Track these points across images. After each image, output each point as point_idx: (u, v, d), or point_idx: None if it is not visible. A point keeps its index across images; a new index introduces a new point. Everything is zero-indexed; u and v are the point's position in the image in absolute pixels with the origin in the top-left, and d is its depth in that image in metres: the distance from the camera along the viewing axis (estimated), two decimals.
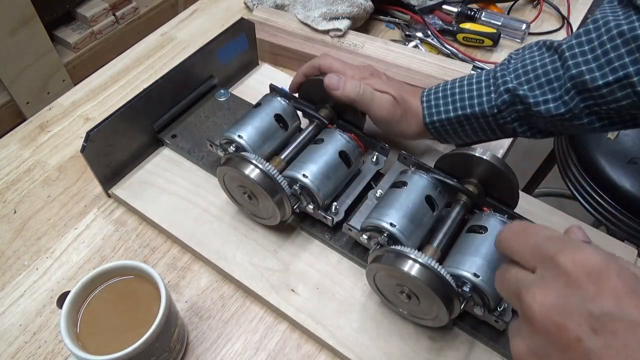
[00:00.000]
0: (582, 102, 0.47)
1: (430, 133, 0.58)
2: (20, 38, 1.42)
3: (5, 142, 0.69)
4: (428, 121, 0.56)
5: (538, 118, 0.50)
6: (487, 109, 0.53)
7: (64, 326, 0.42)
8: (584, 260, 0.29)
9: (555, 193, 1.38)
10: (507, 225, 0.36)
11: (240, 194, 0.55)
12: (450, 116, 0.55)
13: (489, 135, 0.56)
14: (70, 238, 0.59)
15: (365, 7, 0.80)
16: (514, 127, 0.53)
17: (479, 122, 0.55)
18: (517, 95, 0.50)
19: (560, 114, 0.49)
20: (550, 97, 0.49)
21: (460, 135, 0.57)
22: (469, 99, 0.54)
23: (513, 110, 0.52)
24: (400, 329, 0.50)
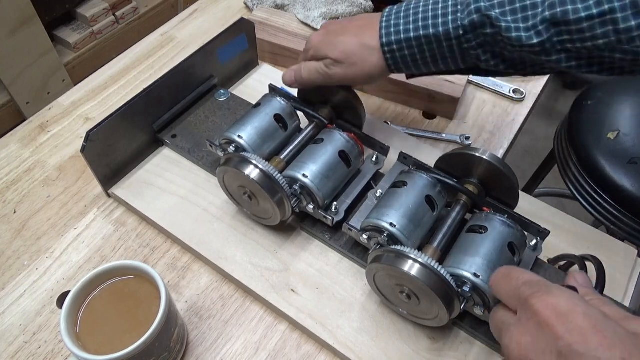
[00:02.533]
0: (556, 36, 0.44)
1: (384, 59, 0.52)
2: (20, 38, 1.42)
3: (5, 142, 0.69)
4: (385, 41, 0.50)
5: (506, 45, 0.46)
6: (452, 29, 0.47)
7: (64, 326, 0.42)
8: (554, 303, 0.32)
9: (555, 193, 1.38)
10: (496, 270, 0.39)
11: (240, 194, 0.55)
12: (410, 36, 0.49)
13: (449, 63, 0.51)
14: (70, 238, 0.59)
15: (365, 7, 0.80)
16: (477, 54, 0.49)
17: (440, 46, 0.49)
18: (487, 16, 0.45)
19: (530, 45, 0.45)
20: (522, 26, 0.44)
21: (418, 61, 0.51)
22: (432, 18, 0.48)
23: (480, 33, 0.47)
24: (400, 329, 0.50)
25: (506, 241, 0.47)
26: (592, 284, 0.38)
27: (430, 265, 0.43)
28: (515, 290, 0.35)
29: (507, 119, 0.75)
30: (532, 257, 0.51)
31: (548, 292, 0.33)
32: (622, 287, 0.54)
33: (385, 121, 0.72)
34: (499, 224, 0.48)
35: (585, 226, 0.59)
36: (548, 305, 0.32)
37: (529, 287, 0.34)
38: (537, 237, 0.51)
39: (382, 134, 0.66)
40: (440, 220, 0.51)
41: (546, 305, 0.32)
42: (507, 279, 0.37)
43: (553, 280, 0.51)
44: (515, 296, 0.35)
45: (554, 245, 0.56)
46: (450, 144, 0.71)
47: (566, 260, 0.53)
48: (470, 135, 0.71)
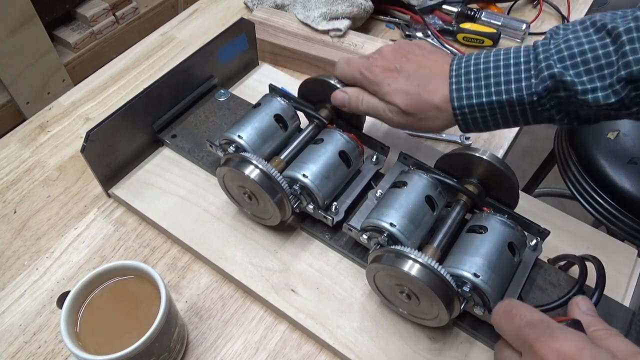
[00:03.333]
0: (634, 91, 0.43)
1: (455, 120, 0.51)
2: (20, 38, 1.42)
3: (5, 142, 0.69)
4: (456, 105, 0.49)
5: (581, 106, 0.45)
6: (525, 95, 0.46)
7: (64, 326, 0.42)
8: (559, 348, 0.31)
9: (555, 193, 1.38)
10: (498, 305, 0.39)
11: (240, 194, 0.55)
12: (483, 101, 0.48)
13: (519, 122, 0.50)
14: (70, 238, 0.59)
15: (365, 7, 0.80)
16: (551, 115, 0.48)
17: (513, 110, 0.48)
18: (562, 81, 0.44)
19: (608, 104, 0.44)
20: (599, 85, 0.43)
21: (489, 122, 0.50)
22: (505, 84, 0.47)
23: (554, 96, 0.46)
24: (400, 329, 0.50)
25: (506, 241, 0.47)
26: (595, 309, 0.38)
27: (430, 265, 0.43)
28: (518, 331, 0.35)
29: None
30: (532, 257, 0.51)
31: (552, 335, 0.32)
32: (622, 287, 0.54)
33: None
34: (499, 224, 0.48)
35: (585, 226, 0.59)
36: (554, 351, 0.31)
37: (533, 329, 0.34)
38: (537, 237, 0.51)
39: (382, 134, 0.66)
40: (440, 220, 0.51)
41: (552, 351, 0.31)
42: (510, 318, 0.36)
43: (553, 280, 0.52)
44: (518, 338, 0.35)
45: (554, 245, 0.56)
46: (450, 144, 0.71)
47: (566, 260, 0.53)
48: (470, 135, 0.71)
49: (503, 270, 0.46)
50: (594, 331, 0.35)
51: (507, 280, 0.48)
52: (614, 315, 0.50)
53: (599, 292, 0.46)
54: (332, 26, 0.78)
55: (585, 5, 0.93)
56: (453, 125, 0.52)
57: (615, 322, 0.49)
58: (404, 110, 0.51)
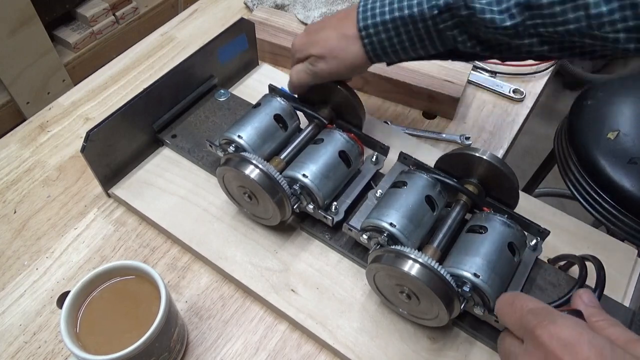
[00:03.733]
0: (529, 20, 0.44)
1: (363, 45, 0.51)
2: (20, 38, 1.42)
3: (5, 142, 0.69)
4: (361, 25, 0.50)
5: (481, 27, 0.46)
6: (427, 9, 0.47)
7: (64, 326, 0.42)
8: (559, 333, 0.32)
9: (555, 193, 1.38)
10: (501, 296, 0.39)
11: (240, 194, 0.55)
12: (387, 18, 0.49)
13: (426, 46, 0.51)
14: (70, 238, 0.59)
15: None
16: (453, 35, 0.49)
17: (416, 27, 0.49)
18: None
19: (504, 27, 0.45)
20: (496, 8, 0.45)
21: (396, 46, 0.51)
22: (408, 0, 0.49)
23: (455, 14, 0.47)
24: (400, 329, 0.50)
25: (506, 241, 0.47)
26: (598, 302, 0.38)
27: (430, 265, 0.43)
28: (520, 319, 0.35)
29: (507, 119, 0.75)
30: (532, 257, 0.51)
31: (553, 321, 0.33)
32: (622, 287, 0.54)
33: (385, 121, 0.72)
34: (499, 224, 0.48)
35: (585, 226, 0.59)
36: (554, 336, 0.32)
37: (534, 316, 0.34)
38: (537, 237, 0.51)
39: (382, 134, 0.66)
40: (440, 220, 0.51)
41: (552, 336, 0.32)
42: (512, 307, 0.37)
43: (553, 280, 0.52)
44: (520, 325, 0.35)
45: (554, 245, 0.56)
46: (450, 144, 0.71)
47: (566, 260, 0.53)
48: (470, 135, 0.71)
49: (503, 270, 0.46)
50: (595, 321, 0.35)
51: (507, 280, 0.48)
52: (614, 315, 0.50)
53: (599, 292, 0.46)
54: None
55: None
56: (367, 64, 0.54)
57: None
58: (318, 55, 0.53)
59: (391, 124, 0.72)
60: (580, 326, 0.32)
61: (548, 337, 0.32)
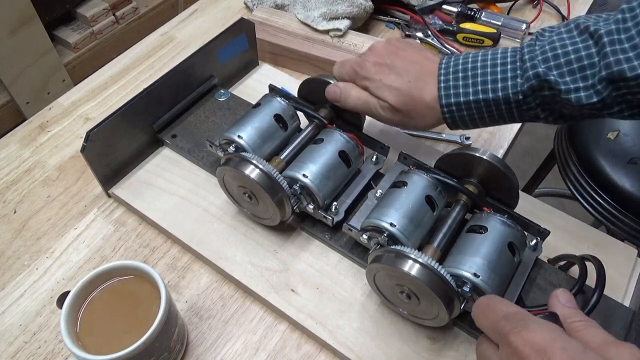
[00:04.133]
0: (615, 91, 0.45)
1: (443, 117, 0.52)
2: (20, 38, 1.42)
3: (5, 142, 0.69)
4: (444, 102, 0.51)
5: (565, 105, 0.47)
6: (511, 94, 0.48)
7: (64, 326, 0.42)
8: (532, 339, 0.32)
9: (555, 193, 1.38)
10: (477, 300, 0.39)
11: (240, 194, 0.55)
12: (470, 99, 0.50)
13: (506, 120, 0.52)
14: (70, 238, 0.59)
15: (365, 7, 0.80)
16: (536, 113, 0.50)
17: (499, 108, 0.50)
18: (546, 80, 0.46)
19: (591, 104, 0.45)
20: (581, 85, 0.45)
21: (476, 120, 0.52)
22: (491, 82, 0.49)
23: (539, 95, 0.48)
24: (400, 329, 0.50)
25: (506, 241, 0.47)
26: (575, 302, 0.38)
27: (430, 265, 0.43)
28: (495, 324, 0.35)
29: None
30: (532, 257, 0.51)
31: (526, 327, 0.33)
32: (622, 287, 0.54)
33: None
34: (499, 224, 0.48)
35: (585, 226, 0.59)
36: (527, 342, 0.32)
37: (508, 322, 0.34)
38: (537, 237, 0.51)
39: (382, 134, 0.66)
40: (440, 220, 0.51)
41: (525, 342, 0.32)
42: (487, 312, 0.37)
43: (553, 280, 0.52)
44: (495, 330, 0.35)
45: (554, 245, 0.56)
46: (450, 144, 0.71)
47: (566, 260, 0.53)
48: (470, 135, 0.71)
49: (503, 270, 0.46)
50: (571, 323, 0.35)
51: (507, 280, 0.48)
52: (614, 315, 0.50)
53: (599, 292, 0.46)
54: (332, 26, 0.78)
55: (585, 5, 0.93)
56: (441, 124, 0.53)
57: (615, 322, 0.49)
58: (394, 107, 0.52)
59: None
60: (553, 331, 0.32)
61: (522, 344, 0.32)
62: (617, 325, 0.49)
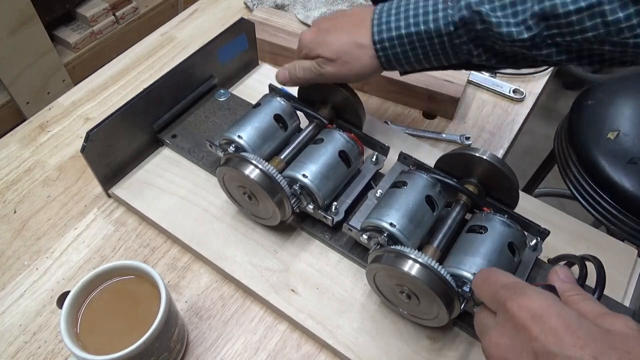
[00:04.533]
0: (546, 30, 0.44)
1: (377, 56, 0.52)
2: (20, 38, 1.42)
3: (5, 142, 0.69)
4: (377, 39, 0.51)
5: (497, 40, 0.47)
6: (442, 25, 0.48)
7: (64, 326, 0.42)
8: (528, 305, 0.33)
9: (555, 193, 1.38)
10: (477, 273, 0.40)
11: (240, 194, 0.55)
12: (402, 33, 0.50)
13: (440, 59, 0.51)
14: (70, 238, 0.59)
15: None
16: (469, 49, 0.49)
17: (432, 42, 0.50)
18: (478, 12, 0.46)
19: (521, 40, 0.45)
20: (512, 21, 0.45)
21: (410, 58, 0.51)
22: (423, 15, 0.49)
23: (471, 29, 0.47)
24: (400, 329, 0.50)
25: (506, 241, 0.47)
26: (574, 278, 0.39)
27: (430, 265, 0.43)
28: (493, 293, 0.36)
29: (507, 119, 0.75)
30: (532, 257, 0.51)
31: (523, 294, 0.33)
32: (622, 287, 0.54)
33: (385, 121, 0.72)
34: (499, 224, 0.48)
35: (585, 226, 0.59)
36: (523, 308, 0.32)
37: (506, 290, 0.35)
38: (537, 237, 0.51)
39: (382, 134, 0.66)
40: (440, 220, 0.51)
41: (521, 308, 0.33)
42: (487, 282, 0.37)
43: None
44: (494, 299, 0.36)
45: (554, 245, 0.56)
46: (450, 144, 0.71)
47: (566, 260, 0.53)
48: (470, 135, 0.71)
49: (503, 270, 0.46)
50: (569, 296, 0.36)
51: None
52: None
53: (599, 292, 0.46)
54: None
55: None
56: (378, 67, 0.53)
57: None
58: (328, 57, 0.53)
59: (391, 124, 0.72)
60: (550, 298, 0.33)
61: (518, 309, 0.33)
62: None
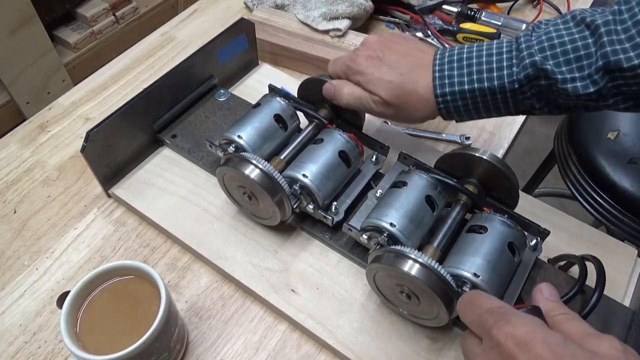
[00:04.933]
0: (611, 82, 0.45)
1: (437, 108, 0.51)
2: (20, 38, 1.42)
3: (5, 142, 0.69)
4: (439, 92, 0.50)
5: (560, 95, 0.47)
6: (507, 83, 0.48)
7: (64, 326, 0.42)
8: (513, 332, 0.33)
9: (555, 193, 1.38)
10: (462, 296, 0.40)
11: (240, 194, 0.55)
12: (465, 89, 0.49)
13: (501, 111, 0.51)
14: (70, 238, 0.59)
15: (365, 7, 0.80)
16: (531, 103, 0.49)
17: (494, 98, 0.49)
18: (542, 69, 0.46)
19: (587, 94, 0.45)
20: (577, 75, 0.45)
21: (471, 111, 0.51)
22: (487, 72, 0.48)
23: (535, 85, 0.47)
24: (400, 329, 0.50)
25: (506, 241, 0.47)
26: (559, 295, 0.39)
27: (430, 265, 0.43)
28: (478, 318, 0.36)
29: (507, 119, 0.75)
30: (532, 257, 0.51)
31: (508, 321, 0.33)
32: (622, 287, 0.54)
33: (385, 121, 0.72)
34: (499, 224, 0.48)
35: (585, 226, 0.59)
36: (508, 336, 0.32)
37: (491, 315, 0.35)
38: (537, 237, 0.51)
39: (382, 134, 0.66)
40: (440, 220, 0.51)
41: (506, 336, 0.33)
42: (471, 306, 0.37)
43: (553, 280, 0.52)
44: (479, 325, 0.36)
45: (554, 245, 0.56)
46: (450, 144, 0.71)
47: (566, 260, 0.53)
48: (470, 135, 0.71)
49: (503, 270, 0.46)
50: (554, 316, 0.36)
51: (507, 280, 0.48)
52: (614, 315, 0.50)
53: (599, 292, 0.46)
54: (332, 26, 0.78)
55: (585, 5, 0.93)
56: (435, 117, 0.53)
57: (615, 322, 0.49)
58: (386, 101, 0.51)
59: (391, 124, 0.72)
60: (534, 324, 0.33)
61: (503, 337, 0.33)
62: (617, 325, 0.49)
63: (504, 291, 0.47)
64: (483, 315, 0.35)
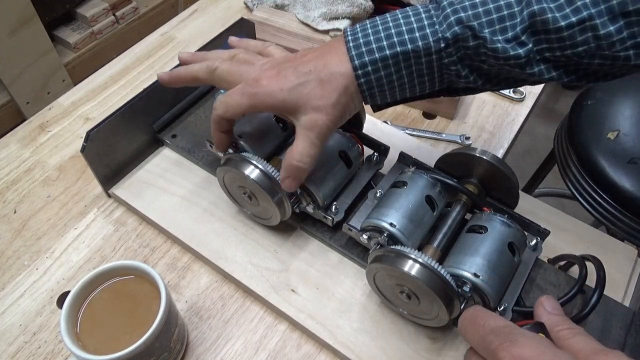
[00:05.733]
0: (536, 45, 0.42)
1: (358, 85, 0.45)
2: (20, 38, 1.42)
3: (5, 142, 0.69)
4: (358, 63, 0.44)
5: (488, 58, 0.43)
6: (432, 42, 0.42)
7: (64, 326, 0.42)
8: (521, 354, 0.32)
9: (555, 193, 1.38)
10: (463, 313, 0.38)
11: (240, 194, 0.55)
12: (387, 54, 0.43)
13: (425, 84, 0.46)
14: (70, 238, 0.59)
15: (365, 7, 0.80)
16: (457, 69, 0.44)
17: (419, 62, 0.44)
18: (470, 27, 0.41)
19: (516, 56, 0.42)
20: (502, 37, 0.42)
21: (394, 83, 0.45)
22: (408, 32, 0.43)
23: (461, 46, 0.43)
24: (400, 329, 0.50)
25: (506, 241, 0.47)
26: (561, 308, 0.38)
27: (430, 265, 0.43)
28: (482, 339, 0.35)
29: (507, 119, 0.75)
30: (532, 257, 0.51)
31: (514, 342, 0.33)
32: (622, 287, 0.54)
33: (385, 121, 0.72)
34: (499, 224, 0.48)
35: (585, 226, 0.59)
36: (515, 357, 0.32)
37: (496, 336, 0.34)
38: (537, 237, 0.51)
39: (382, 134, 0.66)
40: (440, 220, 0.51)
41: (513, 357, 0.32)
42: (474, 326, 0.36)
43: (553, 280, 0.52)
44: (483, 345, 0.35)
45: (554, 245, 0.56)
46: (450, 144, 0.71)
47: (566, 260, 0.53)
48: (470, 135, 0.71)
49: (503, 270, 0.46)
50: (558, 331, 0.35)
51: (507, 280, 0.48)
52: (614, 315, 0.50)
53: (599, 292, 0.46)
54: (332, 26, 0.78)
55: None
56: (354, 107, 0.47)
57: (615, 322, 0.49)
58: None
59: (391, 124, 0.72)
60: (542, 344, 0.32)
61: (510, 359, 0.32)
62: (617, 325, 0.49)
63: (504, 291, 0.47)
64: (488, 337, 0.34)
